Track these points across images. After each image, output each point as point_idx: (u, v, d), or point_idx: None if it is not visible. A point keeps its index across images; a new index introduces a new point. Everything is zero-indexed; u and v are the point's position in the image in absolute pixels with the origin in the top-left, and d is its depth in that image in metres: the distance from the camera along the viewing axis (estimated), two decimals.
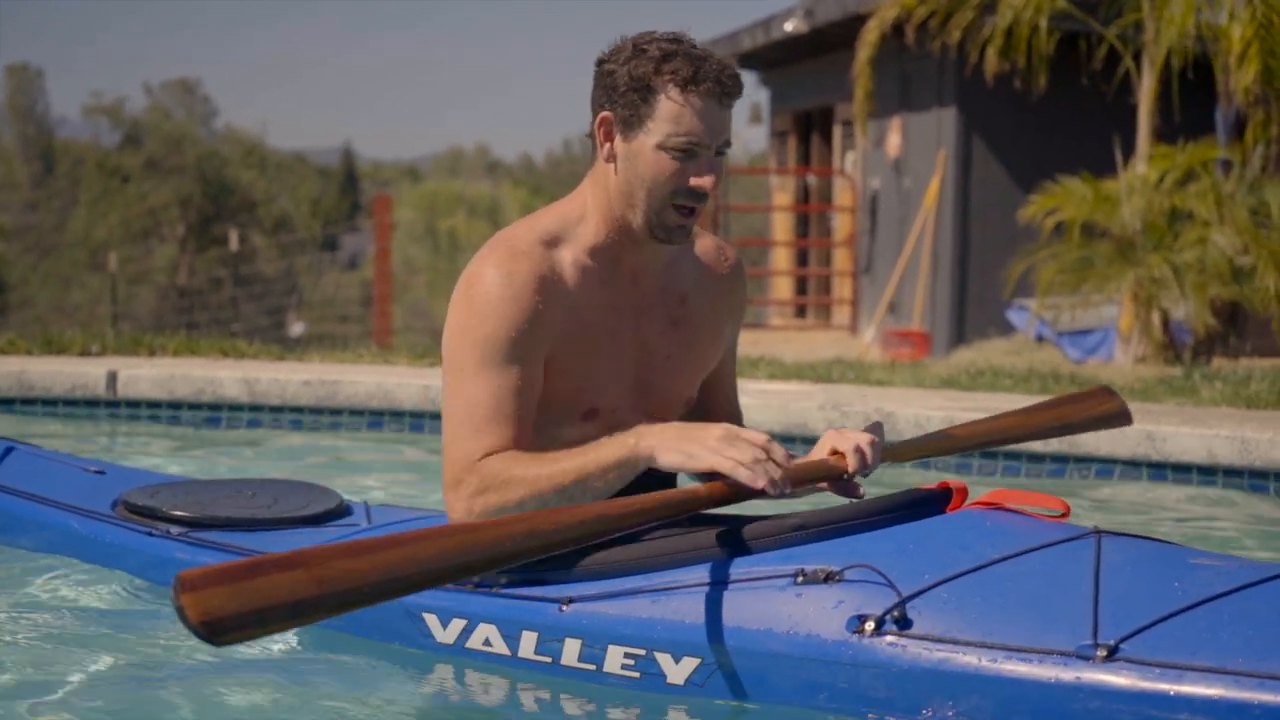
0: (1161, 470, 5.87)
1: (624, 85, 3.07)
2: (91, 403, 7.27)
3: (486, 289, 3.05)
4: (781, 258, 19.88)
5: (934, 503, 3.11)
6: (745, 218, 28.03)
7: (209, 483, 4.12)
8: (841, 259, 17.97)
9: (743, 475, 2.93)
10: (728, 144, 3.11)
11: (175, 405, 7.24)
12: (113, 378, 7.26)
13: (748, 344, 15.07)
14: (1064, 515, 3.08)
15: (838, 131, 18.21)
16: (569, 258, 3.13)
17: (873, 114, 14.76)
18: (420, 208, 48.59)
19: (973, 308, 14.84)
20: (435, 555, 2.66)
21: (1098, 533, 2.93)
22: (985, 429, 3.61)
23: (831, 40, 16.85)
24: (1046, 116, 14.00)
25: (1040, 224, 11.36)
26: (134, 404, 7.26)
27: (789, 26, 16.75)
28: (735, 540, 3.02)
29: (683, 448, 2.96)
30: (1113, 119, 12.63)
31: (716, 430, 2.97)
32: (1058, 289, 10.99)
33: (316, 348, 9.66)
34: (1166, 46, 10.74)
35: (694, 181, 3.07)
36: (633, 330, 3.20)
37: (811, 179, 19.19)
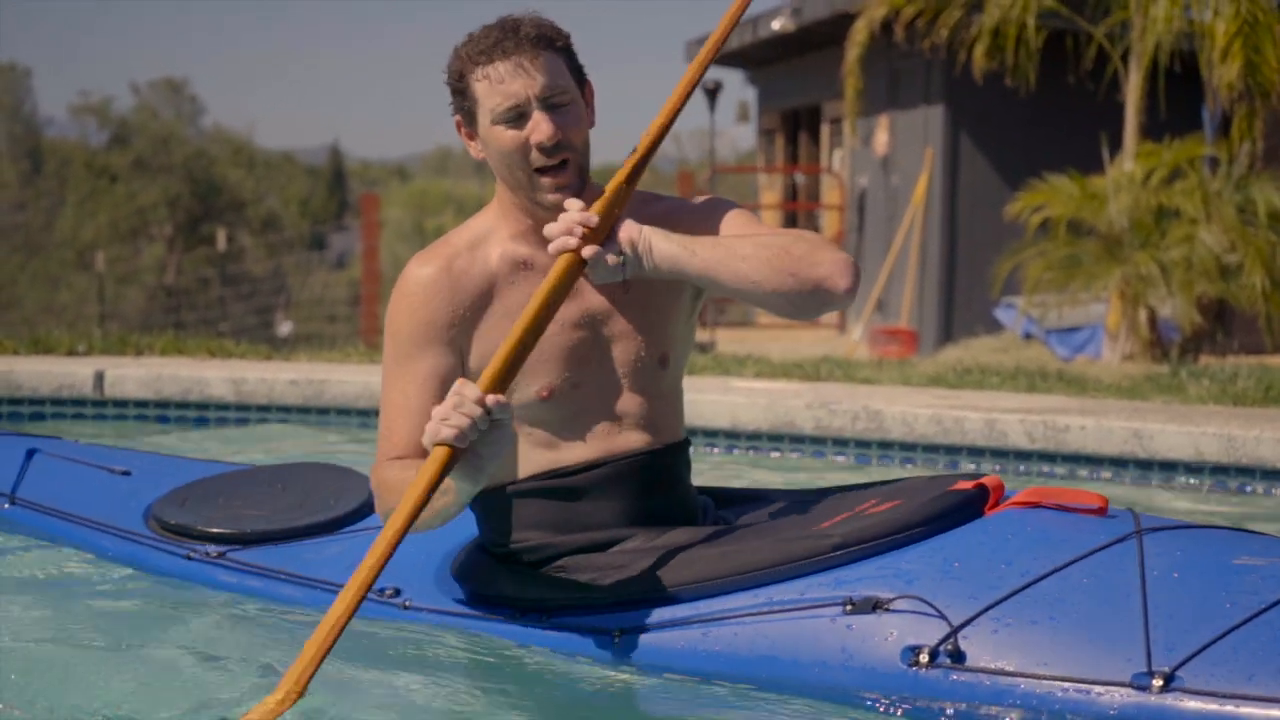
0: (1148, 468, 5.87)
1: (452, 87, 3.16)
2: (79, 402, 7.25)
3: (403, 288, 3.15)
4: None
5: (971, 505, 3.08)
6: None
7: (235, 478, 4.07)
8: None
9: (444, 435, 2.84)
10: (559, 93, 3.09)
11: (162, 405, 7.23)
12: (100, 378, 7.25)
13: (734, 342, 15.06)
14: (1101, 510, 3.06)
15: (825, 130, 18.21)
16: (495, 252, 3.18)
17: (861, 112, 14.75)
18: (408, 207, 48.57)
19: (960, 305, 14.86)
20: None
21: (1139, 532, 2.92)
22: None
23: (819, 39, 16.85)
24: (1034, 114, 14.03)
25: (1027, 221, 11.38)
26: (121, 404, 7.25)
27: (776, 25, 16.76)
28: (778, 562, 3.00)
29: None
30: (1100, 116, 12.64)
31: (443, 404, 2.89)
32: (1045, 287, 11.00)
33: (304, 347, 9.65)
34: (1153, 44, 10.75)
35: (533, 139, 3.08)
36: (578, 310, 3.19)
37: (799, 177, 19.19)
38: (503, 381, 2.93)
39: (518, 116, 3.08)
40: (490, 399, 2.86)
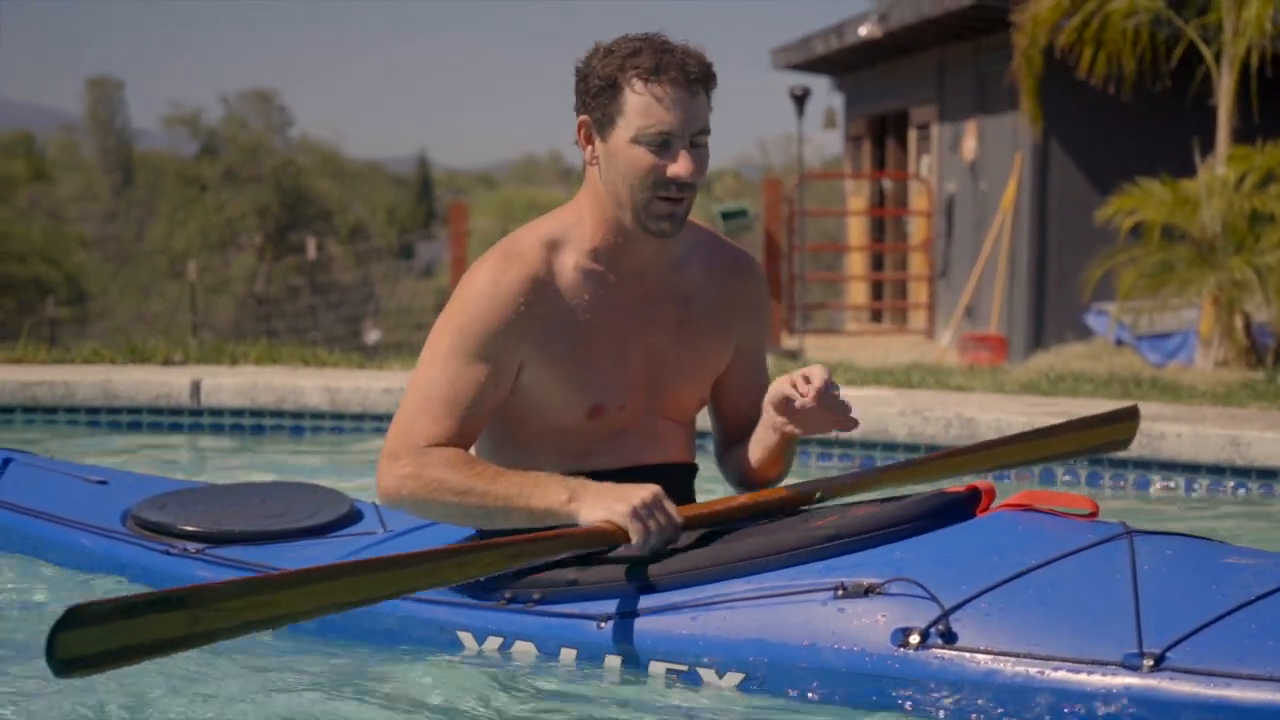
0: (1245, 475, 5.82)
1: (594, 87, 3.15)
2: (175, 411, 7.33)
3: (474, 286, 3.17)
4: (856, 262, 19.83)
5: (964, 506, 3.12)
6: (820, 222, 27.96)
7: (216, 490, 4.09)
8: (917, 263, 17.90)
9: (638, 541, 3.04)
10: (705, 132, 3.14)
11: (258, 413, 7.29)
12: (196, 387, 7.33)
13: (822, 349, 15.03)
14: (1093, 515, 3.10)
15: (913, 135, 18.14)
16: (570, 260, 3.20)
17: (948, 117, 14.65)
18: (495, 215, 48.71)
19: (1050, 312, 14.75)
20: (327, 593, 2.76)
21: (1129, 533, 2.94)
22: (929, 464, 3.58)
23: (905, 44, 16.79)
24: (1124, 118, 13.89)
25: (1119, 225, 11.27)
26: (217, 413, 7.33)
27: (863, 31, 16.71)
28: (770, 552, 3.03)
29: (607, 505, 3.04)
30: (1191, 120, 12.52)
31: (646, 492, 3.04)
32: (1138, 292, 10.90)
33: (393, 355, 9.71)
34: (1244, 47, 10.64)
35: (671, 171, 3.11)
36: (638, 331, 3.25)
37: (886, 183, 19.13)
38: (700, 523, 3.13)
39: (663, 144, 3.11)
40: (683, 530, 3.08)
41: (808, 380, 3.16)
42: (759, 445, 3.33)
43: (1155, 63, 11.84)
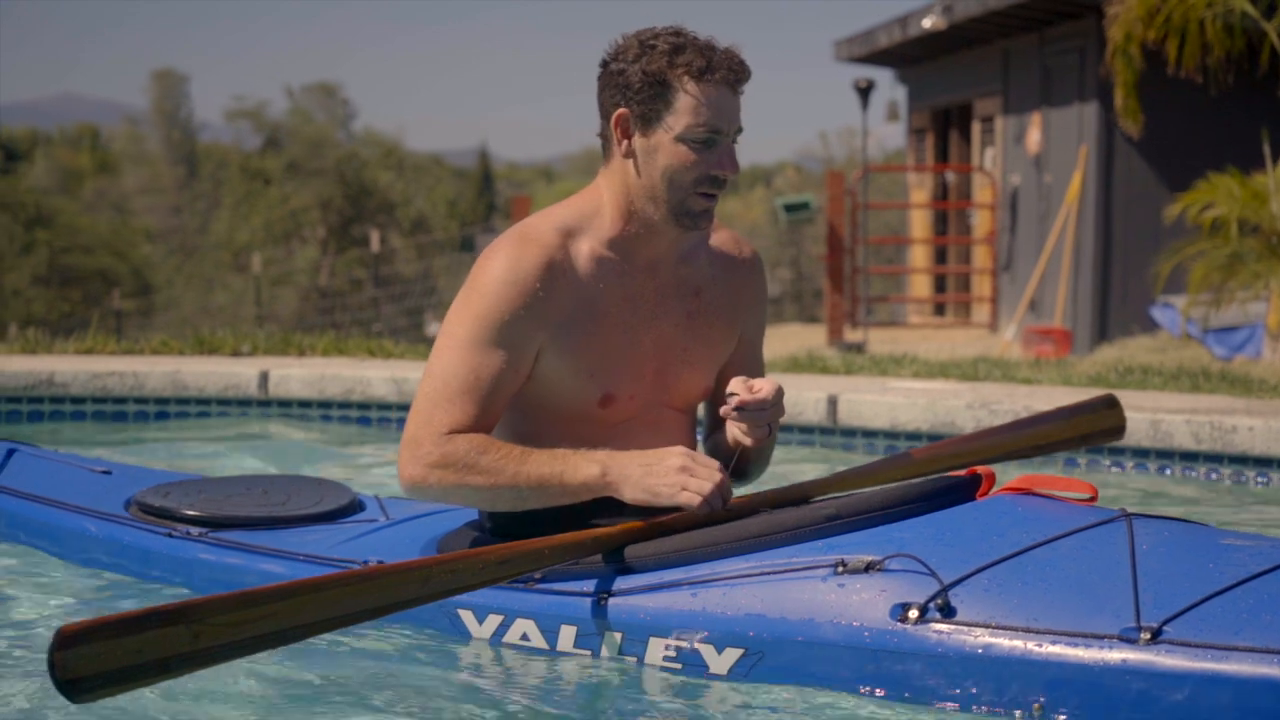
0: None
1: (638, 82, 3.15)
2: (244, 402, 7.38)
3: (491, 271, 3.15)
4: (920, 255, 19.76)
5: (964, 489, 3.16)
6: (883, 215, 27.89)
7: (219, 481, 4.12)
8: (981, 256, 17.82)
9: (699, 506, 3.07)
10: (740, 130, 3.19)
11: (325, 405, 7.33)
12: (264, 378, 7.38)
13: (886, 342, 14.98)
14: (1092, 499, 3.14)
15: (976, 128, 18.06)
16: (585, 249, 3.21)
17: (1013, 110, 14.50)
18: None
19: (1115, 305, 14.66)
20: (326, 604, 2.71)
21: (1127, 515, 2.98)
22: (939, 451, 3.63)
23: (970, 36, 16.71)
24: (1192, 111, 13.78)
25: (1191, 219, 11.17)
26: (285, 404, 7.37)
27: (927, 23, 16.64)
28: (771, 531, 3.06)
29: (647, 486, 3.07)
30: (1259, 113, 12.41)
31: (674, 460, 3.07)
32: (1207, 285, 10.83)
33: None
34: None
35: (715, 170, 3.15)
36: (649, 323, 3.27)
37: (950, 176, 19.05)
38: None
39: (709, 142, 3.14)
40: (728, 490, 3.11)
41: (752, 391, 3.16)
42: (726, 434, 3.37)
43: (1226, 56, 11.74)
